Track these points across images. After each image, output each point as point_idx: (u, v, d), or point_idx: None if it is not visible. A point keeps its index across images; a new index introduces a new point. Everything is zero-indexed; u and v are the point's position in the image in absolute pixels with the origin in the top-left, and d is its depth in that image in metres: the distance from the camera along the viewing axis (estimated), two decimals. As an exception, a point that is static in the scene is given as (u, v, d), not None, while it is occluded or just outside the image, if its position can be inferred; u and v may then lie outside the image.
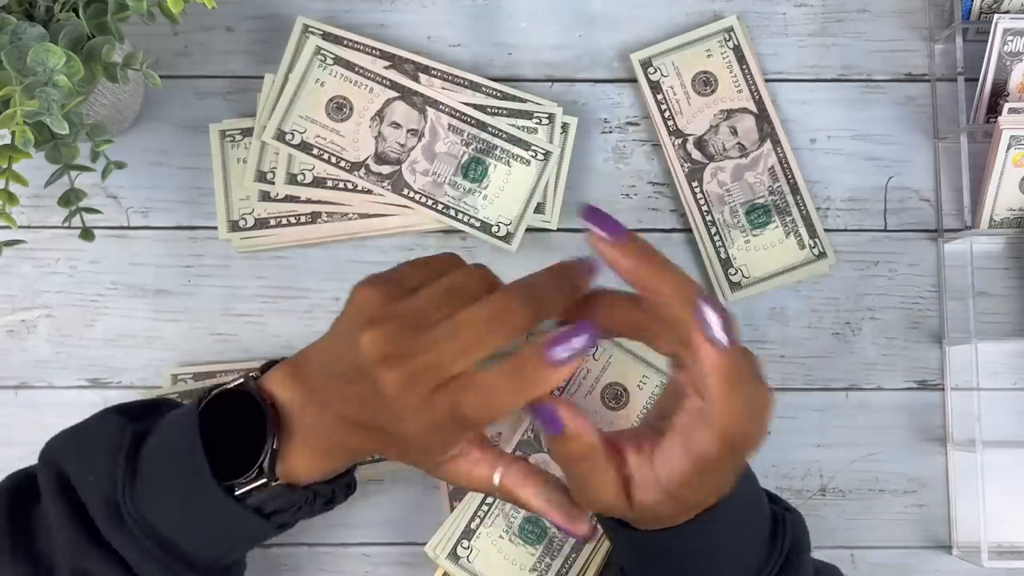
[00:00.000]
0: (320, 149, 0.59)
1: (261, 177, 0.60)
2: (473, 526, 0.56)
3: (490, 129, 0.60)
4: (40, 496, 0.44)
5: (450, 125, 0.60)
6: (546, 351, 0.36)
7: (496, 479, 0.42)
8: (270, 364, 0.46)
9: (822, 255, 0.61)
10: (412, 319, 0.37)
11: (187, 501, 0.43)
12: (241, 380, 0.44)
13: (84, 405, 0.60)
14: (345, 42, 0.61)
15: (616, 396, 0.57)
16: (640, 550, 0.43)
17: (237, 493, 0.42)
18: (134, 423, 0.46)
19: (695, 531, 0.40)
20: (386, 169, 0.60)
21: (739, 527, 0.42)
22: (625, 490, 0.38)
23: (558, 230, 0.61)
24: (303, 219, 0.60)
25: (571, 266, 0.38)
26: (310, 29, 0.61)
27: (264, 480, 0.42)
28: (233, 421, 0.43)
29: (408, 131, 0.60)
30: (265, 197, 0.60)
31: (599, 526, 0.46)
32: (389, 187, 0.60)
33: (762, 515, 0.43)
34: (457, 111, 0.60)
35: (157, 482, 0.43)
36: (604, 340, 0.56)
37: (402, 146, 0.60)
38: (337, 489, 0.47)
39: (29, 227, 0.61)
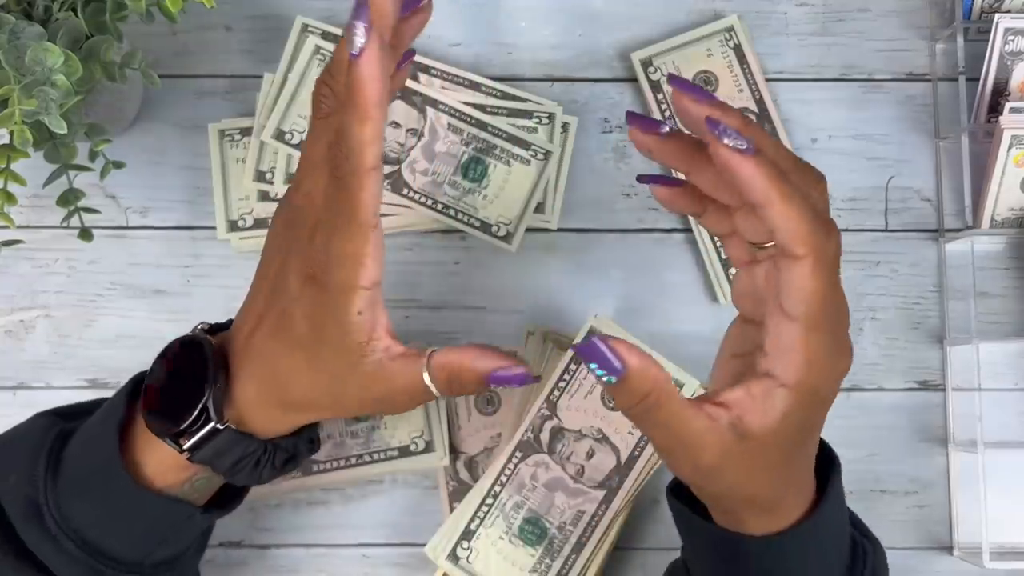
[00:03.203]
0: (319, 149, 0.59)
1: (260, 177, 0.60)
2: (473, 527, 0.56)
3: (490, 129, 0.60)
4: None
5: (450, 124, 0.60)
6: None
7: (424, 365, 0.39)
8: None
9: (823, 255, 0.61)
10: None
11: (103, 494, 0.41)
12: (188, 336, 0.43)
13: (83, 405, 0.60)
14: (344, 42, 0.61)
15: (616, 396, 0.57)
16: (715, 547, 0.40)
17: (187, 446, 0.40)
18: (69, 422, 0.44)
19: (778, 545, 0.38)
20: (385, 169, 0.60)
21: (823, 551, 0.39)
22: (733, 430, 0.34)
23: (558, 230, 0.61)
24: (302, 219, 0.60)
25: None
26: (309, 28, 0.61)
27: (212, 425, 0.40)
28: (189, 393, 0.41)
29: (407, 131, 0.60)
30: (264, 197, 0.60)
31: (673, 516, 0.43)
32: (388, 187, 0.60)
33: (845, 543, 0.41)
34: (457, 111, 0.60)
35: (76, 479, 0.42)
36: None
37: (401, 146, 0.60)
38: (300, 443, 0.44)
39: (27, 227, 0.61)
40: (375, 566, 0.59)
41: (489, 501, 0.56)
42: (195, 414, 0.40)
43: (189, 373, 0.41)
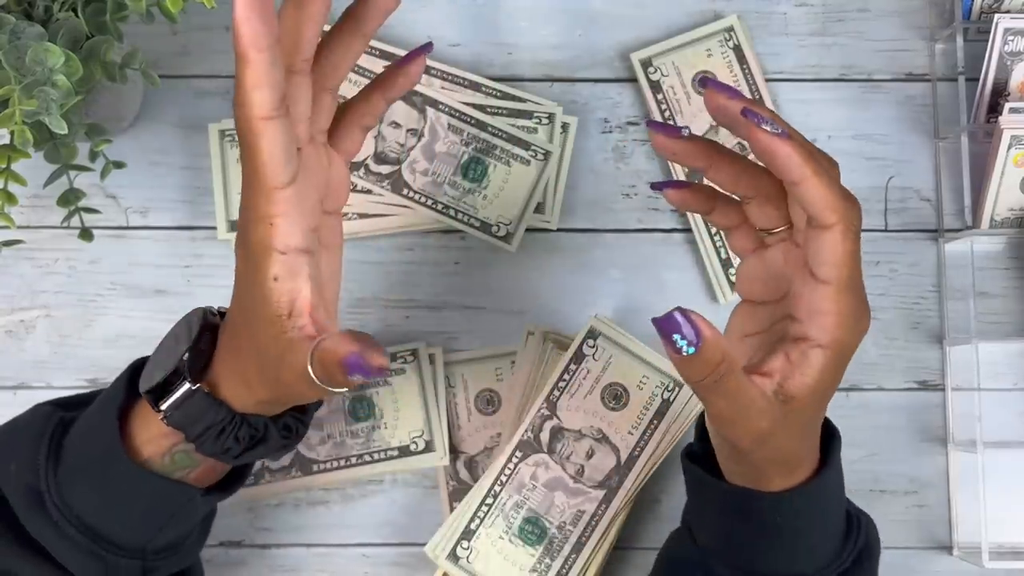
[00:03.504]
0: (319, 149, 0.59)
1: (260, 177, 0.60)
2: (473, 527, 0.56)
3: (490, 129, 0.60)
4: None
5: (450, 125, 0.60)
6: None
7: (310, 349, 0.37)
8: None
9: (822, 255, 0.61)
10: None
11: (103, 479, 0.41)
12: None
13: (83, 405, 0.60)
14: (345, 42, 0.61)
15: (616, 396, 0.57)
16: (726, 504, 0.42)
17: (163, 407, 0.40)
18: (69, 412, 0.44)
19: (788, 502, 0.40)
20: (385, 169, 0.60)
21: (827, 512, 0.42)
22: (778, 397, 0.37)
23: (558, 230, 0.61)
24: (302, 219, 0.60)
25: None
26: (309, 29, 0.61)
27: (187, 387, 0.40)
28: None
29: (408, 131, 0.60)
30: (264, 197, 0.60)
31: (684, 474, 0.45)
32: (388, 187, 0.60)
33: (842, 508, 0.44)
34: (457, 111, 0.60)
35: (77, 464, 0.42)
36: (603, 338, 0.56)
37: (401, 146, 0.60)
38: (271, 427, 0.43)
39: (28, 227, 0.61)
40: (375, 566, 0.59)
41: (489, 501, 0.56)
42: (170, 371, 0.40)
43: (182, 337, 0.42)
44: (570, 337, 0.59)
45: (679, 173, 0.61)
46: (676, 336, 0.35)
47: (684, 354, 0.35)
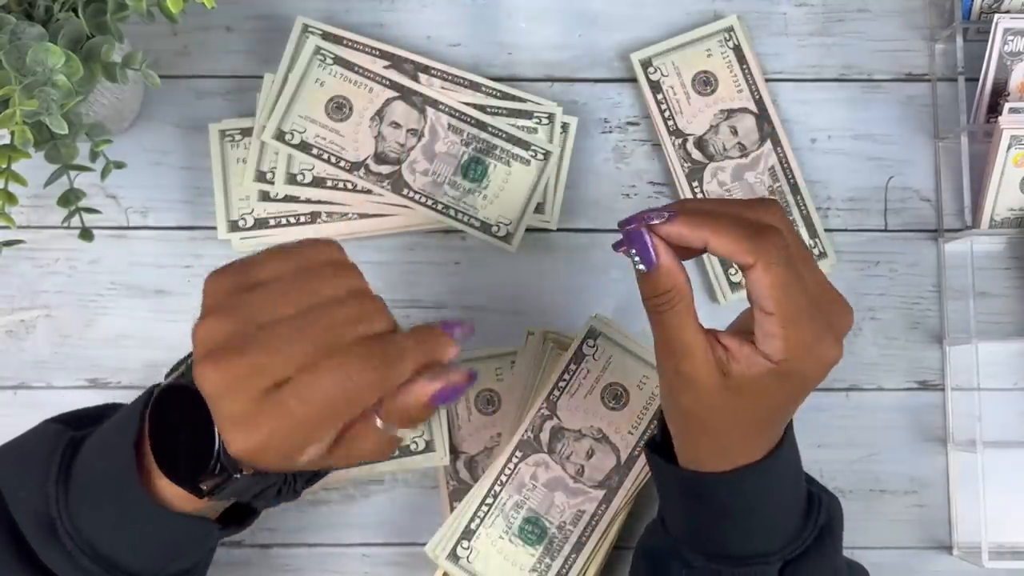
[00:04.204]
0: (320, 149, 0.59)
1: (261, 177, 0.60)
2: (473, 526, 0.56)
3: (490, 129, 0.60)
4: None
5: (450, 125, 0.60)
6: (446, 331, 0.36)
7: (379, 423, 0.37)
8: None
9: (822, 255, 0.61)
10: (251, 313, 0.34)
11: (119, 511, 0.40)
12: (182, 372, 0.40)
13: (83, 405, 0.60)
14: (345, 42, 0.61)
15: (616, 396, 0.57)
16: (682, 488, 0.44)
17: (205, 489, 0.38)
18: (77, 430, 0.43)
19: (737, 482, 0.42)
20: (386, 169, 0.60)
21: (779, 491, 0.43)
22: (719, 364, 0.40)
23: (558, 230, 0.61)
24: (303, 219, 0.60)
25: (433, 332, 0.37)
26: (309, 29, 0.61)
27: (227, 474, 0.38)
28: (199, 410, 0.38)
29: (408, 131, 0.60)
30: (265, 197, 0.60)
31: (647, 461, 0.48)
32: (389, 187, 0.60)
33: (800, 488, 0.45)
34: (457, 111, 0.60)
35: (90, 493, 0.40)
36: (606, 342, 0.56)
37: (402, 146, 0.60)
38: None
39: (28, 227, 0.61)
40: (375, 565, 0.59)
41: (489, 501, 0.56)
42: (208, 469, 0.37)
43: (200, 424, 0.37)
44: (570, 337, 0.59)
45: (681, 175, 0.61)
46: (632, 251, 0.39)
47: (636, 268, 0.40)
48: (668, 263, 0.39)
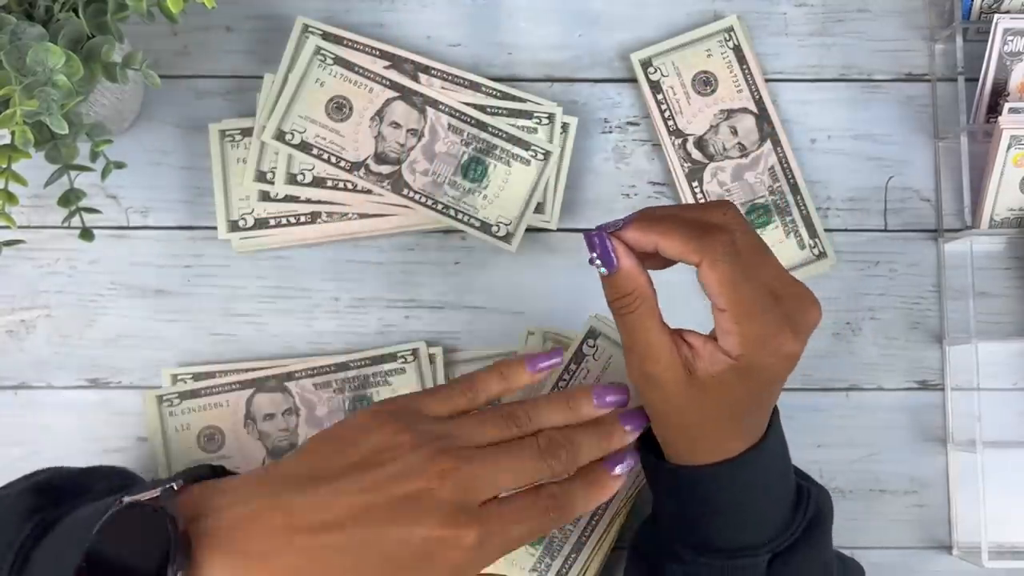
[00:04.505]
0: (320, 149, 0.59)
1: (261, 177, 0.60)
2: (473, 526, 0.56)
3: (490, 129, 0.60)
4: None
5: (450, 125, 0.60)
6: (609, 470, 0.42)
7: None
8: (202, 470, 0.40)
9: (822, 255, 0.61)
10: (459, 440, 0.40)
11: None
12: (157, 494, 0.37)
13: (83, 405, 0.60)
14: (345, 42, 0.61)
15: (616, 396, 0.57)
16: (667, 483, 0.45)
17: None
18: (53, 505, 0.40)
19: (717, 476, 0.42)
20: (386, 169, 0.60)
21: (764, 484, 0.44)
22: (684, 362, 0.41)
23: (558, 230, 0.61)
24: (303, 219, 0.60)
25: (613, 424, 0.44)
26: (310, 29, 0.61)
27: None
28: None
29: (408, 131, 0.60)
30: (265, 197, 0.60)
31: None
32: (389, 187, 0.60)
33: (789, 480, 0.45)
34: (457, 111, 0.60)
35: None
36: (601, 341, 0.56)
37: (402, 146, 0.60)
38: None
39: (29, 227, 0.61)
40: (375, 565, 0.59)
41: (489, 501, 0.56)
42: None
43: (142, 549, 0.35)
44: (570, 337, 0.59)
45: (681, 176, 0.61)
46: (594, 254, 0.41)
47: (599, 272, 0.42)
48: (628, 266, 0.41)
